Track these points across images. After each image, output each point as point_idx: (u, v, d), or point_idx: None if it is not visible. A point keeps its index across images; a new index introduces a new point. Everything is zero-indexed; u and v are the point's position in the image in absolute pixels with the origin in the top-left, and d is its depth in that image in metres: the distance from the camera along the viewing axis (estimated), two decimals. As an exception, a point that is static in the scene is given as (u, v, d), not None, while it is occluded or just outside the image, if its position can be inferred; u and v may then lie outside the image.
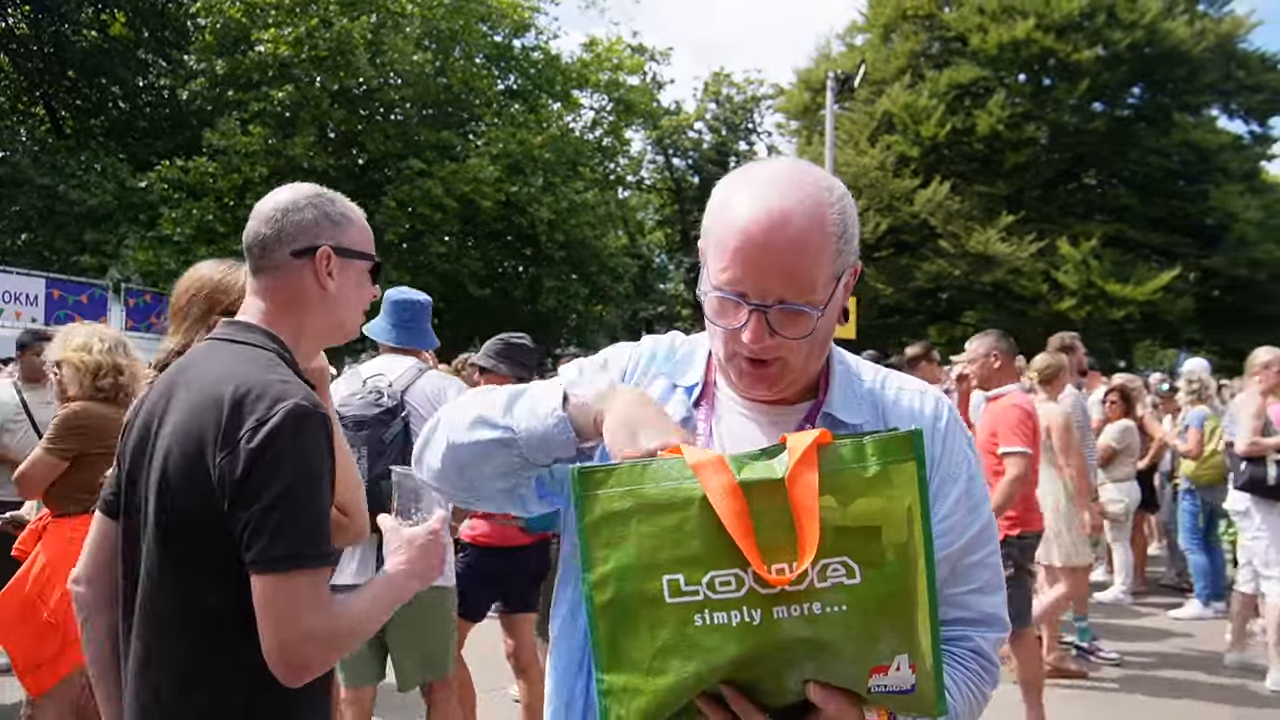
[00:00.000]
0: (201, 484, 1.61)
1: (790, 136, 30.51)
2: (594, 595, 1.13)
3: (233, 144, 18.49)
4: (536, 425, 1.32)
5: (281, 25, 19.46)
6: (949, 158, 24.08)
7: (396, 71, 20.42)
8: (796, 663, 1.11)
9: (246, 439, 1.58)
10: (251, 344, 1.76)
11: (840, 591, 1.09)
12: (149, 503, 1.72)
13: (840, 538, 1.10)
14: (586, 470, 1.15)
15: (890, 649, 1.11)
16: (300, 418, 1.61)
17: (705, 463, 1.13)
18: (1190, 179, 24.09)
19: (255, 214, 1.85)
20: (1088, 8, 22.98)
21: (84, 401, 3.70)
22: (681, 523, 1.11)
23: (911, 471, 1.13)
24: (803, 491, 1.10)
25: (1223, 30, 23.82)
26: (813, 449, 1.12)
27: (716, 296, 1.31)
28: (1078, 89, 23.41)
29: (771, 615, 1.08)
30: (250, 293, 1.87)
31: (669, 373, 1.48)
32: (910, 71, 25.12)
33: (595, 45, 27.12)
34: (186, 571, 1.68)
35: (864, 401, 1.43)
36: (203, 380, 1.70)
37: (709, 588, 1.09)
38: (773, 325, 1.29)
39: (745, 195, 1.30)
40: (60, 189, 18.52)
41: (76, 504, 3.68)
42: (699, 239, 1.42)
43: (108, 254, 18.54)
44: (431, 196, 19.81)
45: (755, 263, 1.27)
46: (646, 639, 1.10)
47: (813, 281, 1.29)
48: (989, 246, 22.29)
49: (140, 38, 22.01)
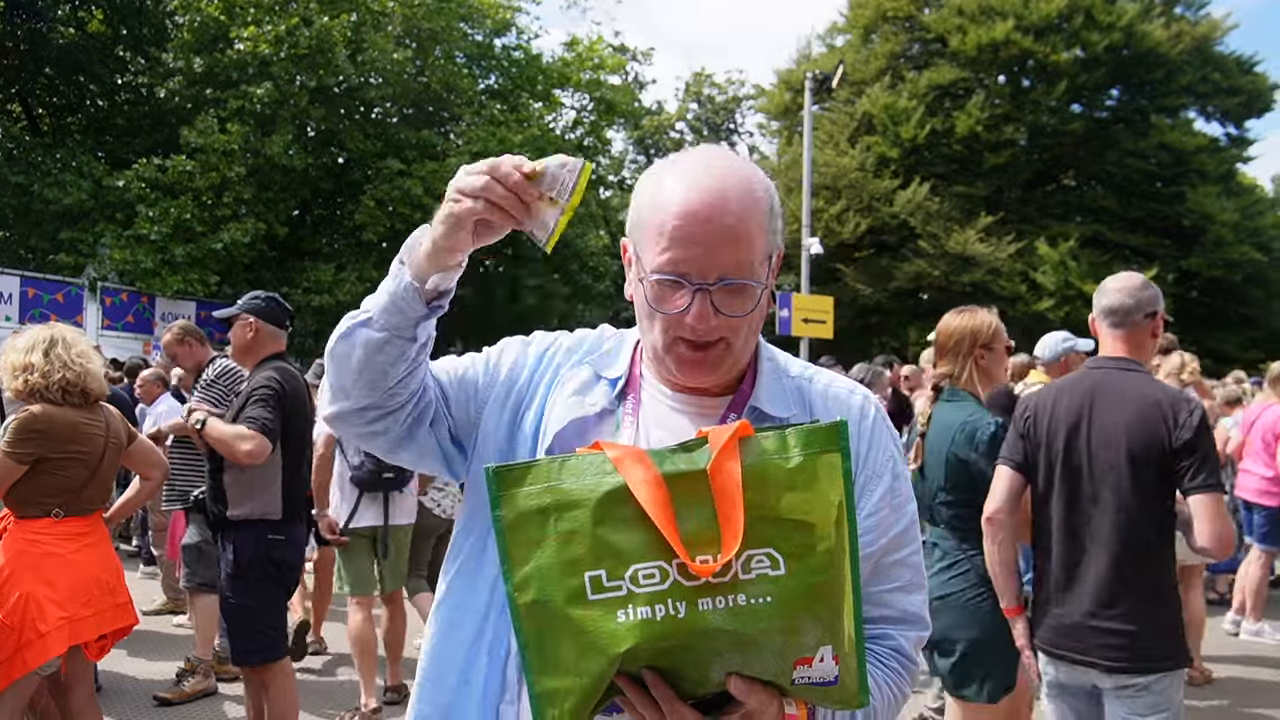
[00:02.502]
0: (1157, 449, 2.79)
1: (771, 137, 30.58)
2: (517, 596, 1.12)
3: (211, 142, 18.36)
4: (385, 294, 1.38)
5: (261, 23, 19.34)
6: (928, 159, 24.17)
7: (377, 70, 20.31)
8: (721, 653, 1.10)
9: (1185, 422, 2.78)
10: (1140, 371, 3.00)
11: (765, 583, 1.08)
12: (1091, 461, 2.90)
13: (764, 529, 1.09)
14: (502, 469, 1.14)
15: (815, 640, 1.10)
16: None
17: (625, 455, 1.12)
18: (1167, 180, 24.25)
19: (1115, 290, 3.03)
20: (1066, 10, 23.11)
21: (44, 405, 3.66)
22: (602, 517, 1.10)
23: (836, 463, 1.13)
24: (725, 481, 1.10)
25: (1199, 33, 24.00)
26: (734, 440, 1.12)
27: (655, 281, 1.31)
28: (1056, 90, 23.54)
29: (696, 607, 1.07)
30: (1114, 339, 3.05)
31: (594, 363, 1.48)
32: (890, 72, 25.21)
33: (576, 45, 27.06)
34: (1126, 504, 2.84)
35: (791, 395, 1.43)
36: (1132, 392, 2.89)
37: (632, 582, 1.08)
38: (716, 305, 1.29)
39: (676, 179, 1.32)
40: (35, 187, 18.35)
41: (38, 507, 3.65)
42: (627, 232, 1.42)
43: (84, 252, 18.38)
44: (411, 196, 19.73)
45: (697, 240, 1.27)
46: (572, 638, 1.09)
47: (752, 255, 1.30)
48: (968, 247, 22.40)
49: (118, 35, 21.82)
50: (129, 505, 4.42)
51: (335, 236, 22.41)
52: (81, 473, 3.72)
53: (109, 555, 3.87)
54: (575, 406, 1.41)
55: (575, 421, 1.39)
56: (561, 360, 1.50)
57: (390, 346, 1.36)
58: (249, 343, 4.31)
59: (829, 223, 23.15)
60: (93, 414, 3.80)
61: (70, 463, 3.68)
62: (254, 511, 4.14)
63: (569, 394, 1.43)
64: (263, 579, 4.15)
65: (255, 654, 4.22)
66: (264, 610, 4.20)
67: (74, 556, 3.67)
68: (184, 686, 5.52)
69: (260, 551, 4.13)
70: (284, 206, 20.68)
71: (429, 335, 1.41)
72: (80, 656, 3.77)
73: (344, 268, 20.16)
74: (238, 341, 4.34)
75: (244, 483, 4.16)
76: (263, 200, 19.64)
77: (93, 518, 3.83)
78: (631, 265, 1.40)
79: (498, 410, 1.47)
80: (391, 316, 1.36)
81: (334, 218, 22.59)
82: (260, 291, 4.46)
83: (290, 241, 21.05)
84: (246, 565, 4.12)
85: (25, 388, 3.65)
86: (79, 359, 3.72)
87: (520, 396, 1.47)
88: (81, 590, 3.64)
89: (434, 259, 1.35)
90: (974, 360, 3.44)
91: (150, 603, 7.08)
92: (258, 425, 3.98)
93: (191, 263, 18.32)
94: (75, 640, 3.62)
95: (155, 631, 6.54)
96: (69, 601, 3.59)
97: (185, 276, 18.22)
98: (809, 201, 18.99)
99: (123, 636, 3.98)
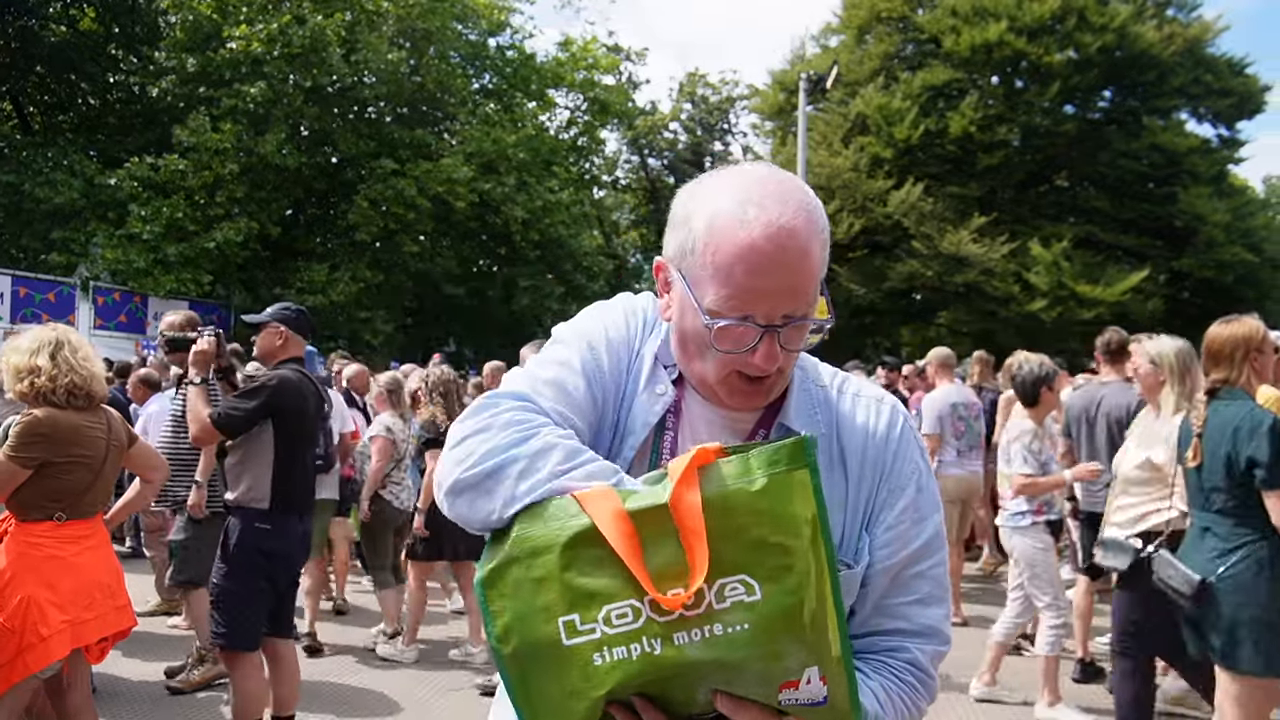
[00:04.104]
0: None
1: (765, 137, 30.56)
2: (501, 649, 1.13)
3: (203, 141, 18.28)
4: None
5: (253, 22, 19.29)
6: (922, 159, 24.18)
7: (370, 70, 20.27)
8: (706, 680, 1.09)
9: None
10: None
11: (740, 610, 1.07)
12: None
13: (735, 555, 1.08)
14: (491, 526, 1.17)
15: (799, 663, 1.09)
16: None
17: (591, 494, 1.12)
18: (1159, 181, 24.31)
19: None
20: (1058, 11, 23.14)
21: (47, 408, 3.63)
22: (569, 561, 1.09)
23: (804, 479, 1.11)
24: (686, 513, 1.08)
25: (1191, 34, 24.05)
26: (691, 470, 1.11)
27: (720, 325, 1.24)
28: (1049, 91, 23.58)
29: (672, 642, 1.06)
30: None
31: (659, 351, 1.42)
32: (884, 73, 25.21)
33: (571, 45, 27.07)
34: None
35: (819, 407, 1.41)
36: None
37: (605, 623, 1.07)
38: (782, 343, 1.26)
39: (737, 207, 1.24)
40: (27, 186, 18.25)
41: (40, 511, 3.63)
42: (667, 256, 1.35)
43: (76, 252, 18.30)
44: (405, 196, 19.69)
45: (764, 282, 1.22)
46: (555, 684, 1.09)
47: (814, 288, 1.27)
48: (961, 247, 22.42)
49: (110, 33, 21.71)
50: (129, 507, 4.42)
51: (329, 236, 22.36)
52: (85, 476, 3.70)
53: (110, 558, 3.85)
54: (652, 405, 1.38)
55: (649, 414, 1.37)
56: (641, 341, 1.44)
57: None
58: (276, 349, 4.60)
59: (823, 223, 23.15)
60: (95, 417, 3.78)
61: (74, 466, 3.65)
62: (242, 498, 4.39)
63: (646, 391, 1.39)
64: (246, 566, 4.33)
65: (224, 638, 4.37)
66: (243, 597, 4.33)
67: (76, 560, 3.65)
68: (193, 675, 5.58)
69: (248, 539, 4.34)
70: (277, 206, 20.63)
71: None
72: (80, 659, 3.75)
73: (337, 267, 20.11)
74: (267, 346, 4.61)
75: (235, 468, 4.44)
76: (256, 200, 19.57)
77: (94, 520, 3.81)
78: (672, 288, 1.34)
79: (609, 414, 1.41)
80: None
81: (327, 217, 22.54)
82: (290, 304, 4.76)
83: (283, 241, 21.00)
84: (233, 549, 4.35)
85: (31, 390, 3.63)
86: (85, 363, 3.70)
87: (622, 398, 1.41)
88: (83, 593, 3.62)
89: None
90: (1249, 364, 3.75)
91: (144, 604, 7.06)
92: (217, 414, 4.27)
93: (184, 262, 18.25)
94: (77, 644, 3.60)
95: (149, 633, 6.52)
96: (71, 605, 3.57)
97: (178, 276, 18.15)
98: (803, 202, 18.97)
99: (122, 639, 3.97)
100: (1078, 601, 6.15)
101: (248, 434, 4.39)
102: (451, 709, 5.45)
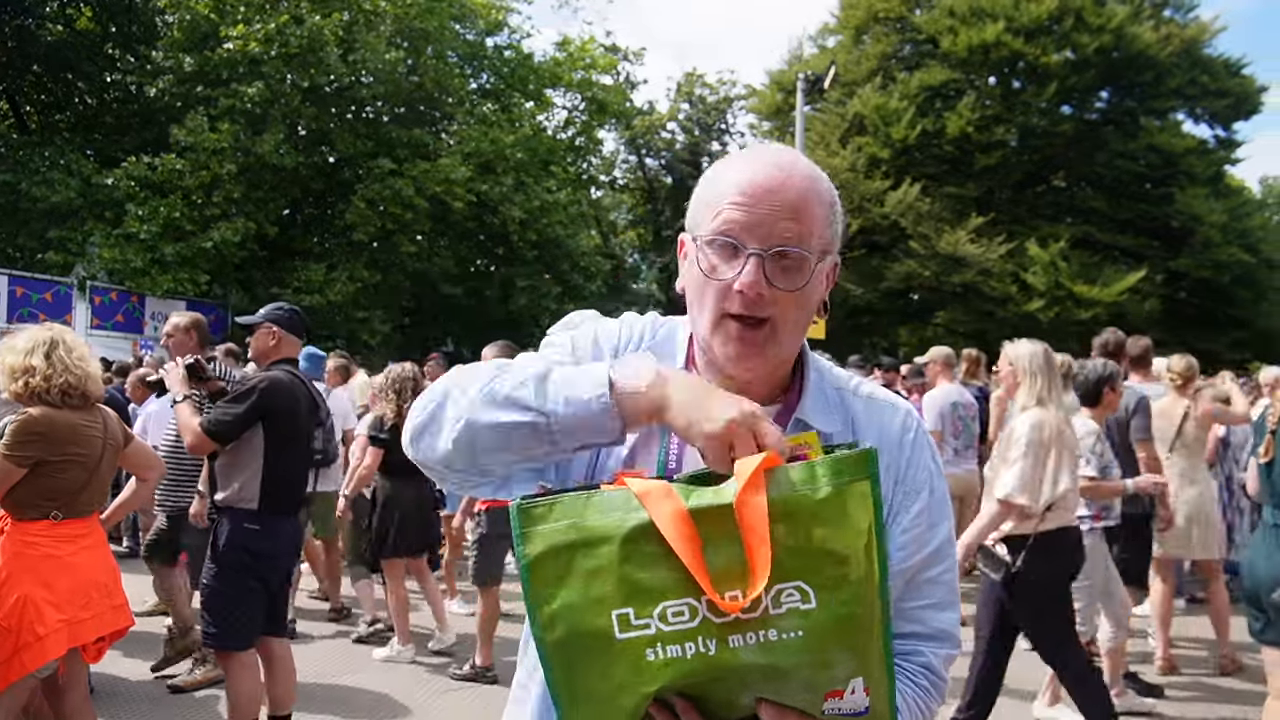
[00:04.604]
0: None
1: (762, 137, 30.54)
2: (544, 636, 1.10)
3: (201, 141, 18.24)
4: (576, 410, 1.21)
5: (251, 21, 19.25)
6: (919, 159, 24.20)
7: (368, 69, 20.25)
8: (751, 685, 1.10)
9: None
10: None
11: (795, 617, 1.07)
12: None
13: (794, 562, 1.07)
14: (525, 504, 1.12)
15: (846, 673, 1.10)
16: None
17: (652, 490, 1.10)
18: (1156, 182, 24.37)
19: None
20: (1056, 12, 23.18)
21: (43, 407, 3.63)
22: (628, 554, 1.08)
23: (866, 491, 1.11)
24: (752, 515, 1.07)
25: (1188, 35, 24.11)
26: (759, 472, 1.10)
27: (709, 242, 1.30)
28: (1046, 92, 23.63)
29: (727, 644, 1.06)
30: None
31: (654, 348, 1.44)
32: (881, 73, 25.24)
33: (568, 45, 27.05)
34: None
35: (834, 407, 1.42)
36: None
37: (661, 619, 1.06)
38: (769, 275, 1.27)
39: (741, 160, 1.34)
40: (23, 185, 18.21)
41: (36, 510, 3.63)
42: (681, 232, 1.40)
43: (73, 251, 18.27)
44: (402, 195, 19.68)
45: (758, 207, 1.27)
46: (601, 677, 1.08)
47: (811, 229, 1.30)
48: (959, 248, 22.44)
49: (107, 32, 21.67)
50: (125, 507, 4.42)
51: (326, 236, 22.34)
52: (80, 475, 3.70)
53: (106, 557, 3.85)
54: None
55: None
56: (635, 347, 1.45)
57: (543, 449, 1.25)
58: (270, 349, 4.63)
59: (820, 223, 23.16)
60: (91, 416, 3.78)
61: (69, 465, 3.65)
62: (231, 498, 4.38)
63: None
64: (236, 566, 4.34)
65: (215, 639, 4.39)
66: (233, 598, 4.34)
67: (72, 559, 3.65)
68: (196, 674, 5.58)
69: (237, 539, 4.34)
70: (274, 206, 20.60)
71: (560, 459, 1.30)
72: (77, 659, 3.75)
73: (335, 267, 20.10)
74: (260, 347, 4.63)
75: (225, 469, 4.44)
76: (253, 199, 19.55)
77: (90, 520, 3.81)
78: (686, 257, 1.38)
79: None
80: (575, 430, 1.22)
81: (325, 217, 22.52)
82: (283, 304, 4.79)
83: (281, 241, 20.98)
84: (222, 550, 4.36)
85: (26, 390, 3.63)
86: (80, 362, 3.70)
87: None
88: (80, 593, 3.62)
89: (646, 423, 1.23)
90: None
91: (142, 604, 7.04)
92: (208, 422, 4.28)
93: (181, 262, 18.22)
94: (74, 643, 3.59)
95: (148, 632, 6.49)
96: (67, 604, 3.57)
97: (175, 276, 18.12)
98: (801, 202, 18.97)
99: (119, 638, 3.97)
100: None
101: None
102: (449, 709, 5.45)
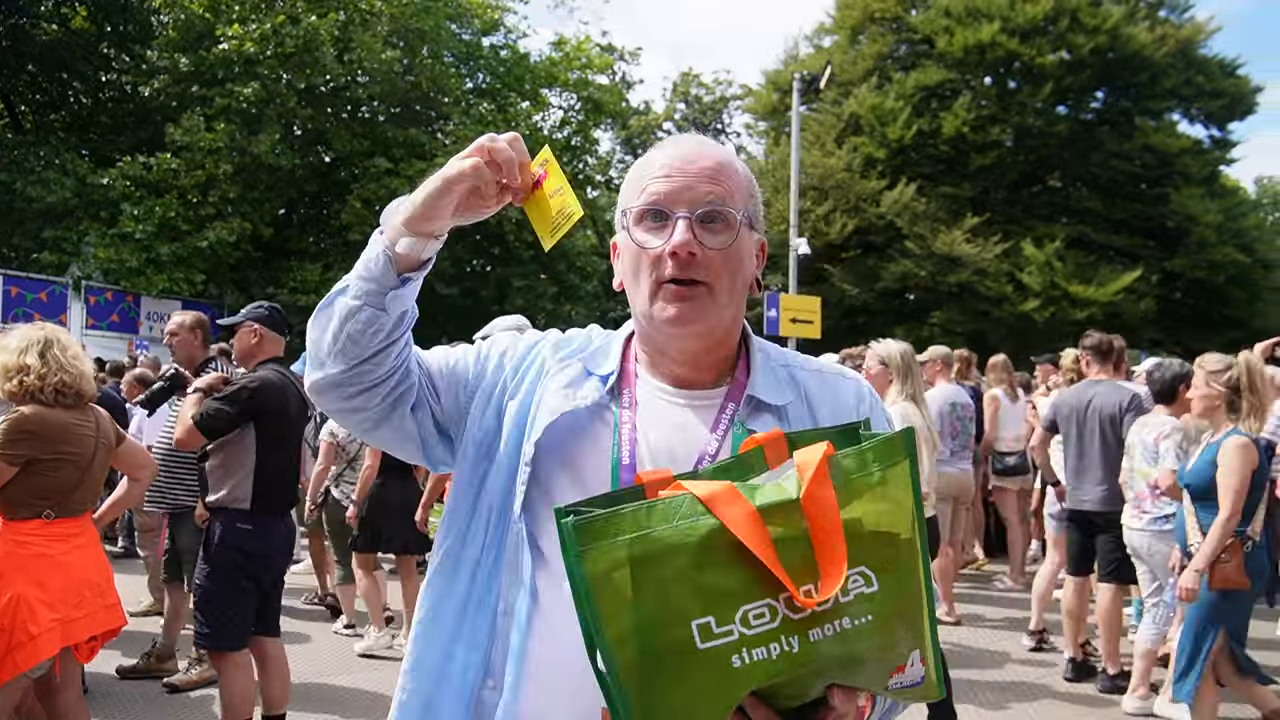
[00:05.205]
0: None
1: (759, 137, 30.62)
2: (615, 656, 1.06)
3: (196, 140, 18.21)
4: (367, 264, 1.40)
5: (246, 21, 19.22)
6: (915, 159, 24.22)
7: (364, 69, 20.21)
8: (827, 674, 1.11)
9: None
10: None
11: (863, 602, 1.09)
12: None
13: (855, 548, 1.09)
14: (582, 522, 1.08)
15: (907, 648, 1.13)
16: None
17: (718, 494, 1.09)
18: (1151, 182, 24.38)
19: None
20: (1051, 12, 23.21)
21: (35, 406, 3.63)
22: (703, 561, 1.06)
23: (906, 470, 1.16)
24: (822, 510, 1.09)
25: (1183, 36, 24.14)
26: (824, 465, 1.11)
27: (639, 214, 1.40)
28: (1042, 92, 23.65)
29: (808, 639, 1.07)
30: None
31: (584, 360, 1.50)
32: (877, 73, 25.24)
33: (564, 44, 27.02)
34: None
35: (784, 383, 1.47)
36: None
37: (743, 624, 1.05)
38: (699, 236, 1.36)
39: (663, 145, 1.46)
40: (18, 185, 18.18)
41: (28, 509, 3.63)
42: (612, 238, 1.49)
43: (68, 251, 18.24)
44: (399, 195, 19.53)
45: (681, 171, 1.38)
46: (682, 690, 1.05)
47: (732, 190, 1.40)
48: (954, 247, 22.46)
49: (102, 32, 21.63)
50: (118, 506, 4.43)
51: (321, 236, 22.31)
52: (72, 474, 3.70)
53: (99, 556, 3.85)
54: (566, 399, 1.42)
55: (567, 415, 1.41)
56: (548, 355, 1.52)
57: (363, 314, 1.39)
58: (252, 348, 4.63)
59: (816, 223, 23.17)
60: (83, 415, 3.78)
61: (61, 464, 3.65)
62: (224, 499, 4.40)
63: (559, 387, 1.44)
64: (228, 566, 4.36)
65: (207, 639, 4.40)
66: (225, 597, 4.35)
67: (65, 558, 3.65)
68: (192, 674, 5.58)
69: (229, 539, 4.36)
70: (270, 206, 20.57)
71: (407, 312, 1.43)
72: (70, 658, 3.75)
73: (330, 267, 20.05)
74: (243, 346, 4.65)
75: (217, 470, 4.46)
76: (249, 199, 19.52)
77: (83, 519, 3.81)
78: (619, 255, 1.46)
79: (484, 401, 1.49)
80: (365, 283, 1.39)
81: (320, 217, 22.49)
82: (263, 302, 4.80)
83: (276, 241, 20.95)
84: (214, 550, 4.37)
85: (20, 389, 3.63)
86: (74, 361, 3.71)
87: (507, 388, 1.50)
88: (73, 592, 3.62)
89: (412, 223, 1.39)
90: None
91: (137, 604, 7.04)
92: (199, 415, 4.31)
93: (177, 262, 18.20)
94: (67, 642, 3.60)
95: (142, 632, 6.49)
96: (60, 603, 3.57)
97: (170, 275, 18.10)
98: (796, 202, 18.97)
99: (112, 638, 3.97)
100: (1067, 600, 6.18)
101: (228, 436, 4.42)
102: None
